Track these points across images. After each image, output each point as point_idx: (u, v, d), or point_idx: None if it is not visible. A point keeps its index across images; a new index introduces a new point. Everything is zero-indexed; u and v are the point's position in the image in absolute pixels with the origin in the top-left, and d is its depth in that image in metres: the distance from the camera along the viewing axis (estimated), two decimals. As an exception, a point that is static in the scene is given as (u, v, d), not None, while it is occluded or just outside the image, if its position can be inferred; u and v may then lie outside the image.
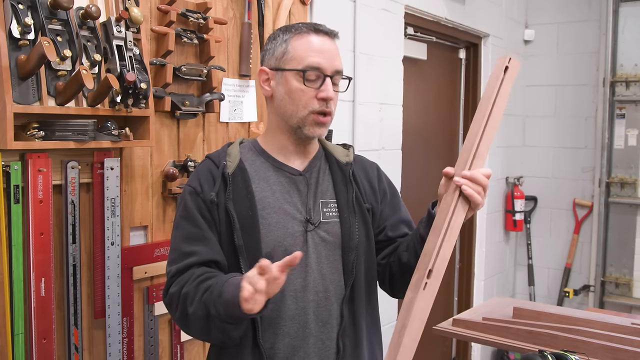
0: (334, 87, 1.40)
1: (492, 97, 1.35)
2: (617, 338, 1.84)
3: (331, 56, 1.39)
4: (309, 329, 1.38)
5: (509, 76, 1.36)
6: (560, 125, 4.36)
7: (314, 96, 1.37)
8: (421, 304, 1.21)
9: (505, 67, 1.36)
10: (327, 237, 1.41)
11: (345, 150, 1.54)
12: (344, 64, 1.45)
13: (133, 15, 1.63)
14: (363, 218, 1.45)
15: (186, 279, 1.31)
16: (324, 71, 1.37)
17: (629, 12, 4.08)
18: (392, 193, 1.56)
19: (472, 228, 4.03)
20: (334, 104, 1.40)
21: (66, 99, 1.50)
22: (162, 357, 1.89)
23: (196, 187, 1.40)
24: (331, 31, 1.43)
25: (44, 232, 1.53)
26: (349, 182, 1.46)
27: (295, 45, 1.38)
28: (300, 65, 1.37)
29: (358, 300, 1.42)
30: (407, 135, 3.14)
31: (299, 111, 1.38)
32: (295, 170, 1.44)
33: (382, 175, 1.58)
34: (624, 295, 4.13)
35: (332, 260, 1.41)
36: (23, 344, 1.51)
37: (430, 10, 3.26)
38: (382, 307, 3.03)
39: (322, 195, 1.44)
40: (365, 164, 1.57)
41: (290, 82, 1.38)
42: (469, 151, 1.32)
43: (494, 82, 1.36)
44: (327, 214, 1.42)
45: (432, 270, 1.23)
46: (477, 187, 1.28)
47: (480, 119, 1.35)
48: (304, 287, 1.38)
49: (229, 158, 1.42)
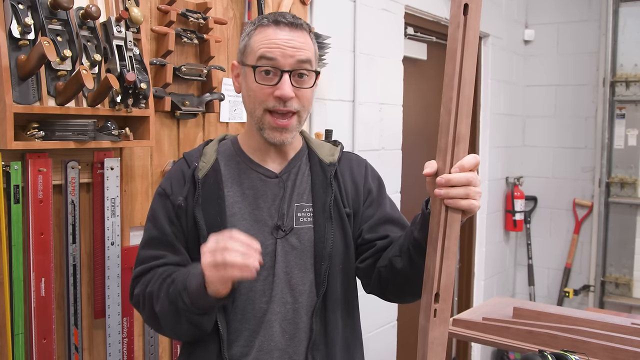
0: (297, 82, 1.26)
1: (457, 54, 1.06)
2: (617, 338, 1.84)
3: (291, 49, 1.25)
4: (275, 342, 1.29)
5: (472, 17, 1.06)
6: (560, 125, 4.36)
7: (271, 93, 1.25)
8: (436, 333, 1.11)
9: (464, 4, 1.05)
10: (297, 245, 1.30)
11: (332, 148, 1.42)
12: (344, 64, 1.41)
13: (133, 15, 1.63)
14: (341, 224, 1.34)
15: (149, 279, 1.27)
16: (280, 66, 1.24)
17: (629, 12, 4.08)
18: (378, 189, 1.43)
19: (472, 228, 4.03)
20: (298, 102, 1.27)
21: (66, 99, 1.50)
22: (162, 357, 1.89)
23: (166, 188, 1.33)
24: (294, 21, 1.28)
25: (44, 232, 1.53)
26: (329, 185, 1.34)
27: (255, 38, 1.28)
28: (254, 60, 1.26)
29: (332, 312, 1.32)
30: (407, 135, 3.14)
31: (256, 109, 1.28)
32: (271, 173, 1.34)
33: (369, 173, 1.44)
34: (624, 295, 4.13)
35: (303, 269, 1.31)
36: (23, 344, 1.51)
37: (430, 10, 3.26)
38: (382, 307, 3.01)
39: (297, 199, 1.33)
40: (352, 162, 1.43)
41: (249, 78, 1.28)
42: (446, 134, 1.08)
43: (454, 33, 1.06)
44: (301, 219, 1.32)
45: (438, 294, 1.11)
46: (460, 191, 1.07)
47: (449, 91, 1.07)
48: (270, 298, 1.29)
49: (203, 158, 1.34)
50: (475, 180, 1.08)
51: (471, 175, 1.07)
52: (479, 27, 1.07)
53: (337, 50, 2.50)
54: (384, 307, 3.01)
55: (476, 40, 1.07)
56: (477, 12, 1.07)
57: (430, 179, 1.11)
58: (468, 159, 1.08)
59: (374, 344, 2.89)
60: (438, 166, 1.10)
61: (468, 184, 1.07)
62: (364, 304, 1.48)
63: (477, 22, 1.07)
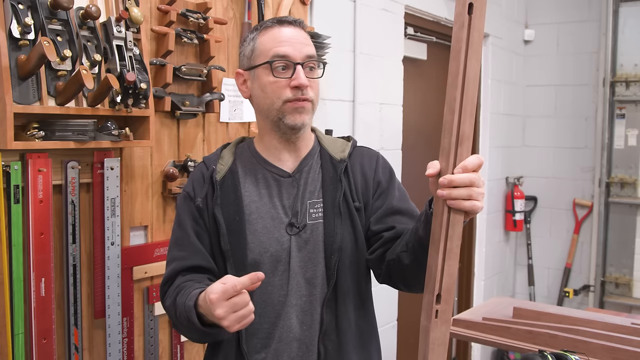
0: (308, 74, 1.36)
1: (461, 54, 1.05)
2: (617, 338, 1.84)
3: (299, 44, 1.35)
4: (293, 333, 1.36)
5: (477, 16, 1.05)
6: (560, 125, 4.36)
7: (287, 85, 1.33)
8: (437, 334, 1.12)
9: (468, 4, 1.05)
10: (310, 240, 1.37)
11: (344, 144, 1.48)
12: (343, 64, 1.44)
13: (133, 15, 1.63)
14: (350, 218, 1.39)
15: (171, 291, 1.34)
16: (293, 59, 1.33)
17: (629, 12, 4.08)
18: (388, 181, 1.46)
19: (472, 228, 4.03)
20: (312, 90, 1.36)
21: (66, 99, 1.50)
22: (162, 357, 1.89)
23: (189, 191, 1.41)
24: (295, 20, 1.40)
25: (44, 232, 1.53)
26: (338, 181, 1.40)
27: (262, 40, 1.37)
28: (267, 58, 1.34)
29: (342, 303, 1.37)
30: (407, 135, 3.14)
31: (274, 103, 1.35)
32: (285, 172, 1.41)
33: (380, 165, 1.47)
34: (624, 295, 4.13)
35: (316, 262, 1.37)
36: (23, 344, 1.51)
37: (430, 10, 3.26)
38: (381, 308, 3.01)
39: (310, 196, 1.40)
40: (364, 156, 1.48)
41: (262, 77, 1.36)
42: (449, 134, 1.07)
43: (459, 32, 1.05)
44: (314, 215, 1.39)
45: (440, 294, 1.11)
46: (463, 192, 1.07)
47: (453, 90, 1.06)
48: (287, 292, 1.36)
49: (221, 161, 1.42)
50: (478, 181, 1.07)
51: (474, 176, 1.07)
52: (484, 26, 1.07)
53: (337, 50, 2.50)
54: (384, 307, 3.01)
55: (480, 40, 1.07)
56: (482, 12, 1.05)
57: (434, 179, 1.11)
58: (471, 160, 1.08)
59: (374, 344, 2.89)
60: (441, 166, 1.09)
61: (471, 184, 1.07)
62: (364, 304, 1.49)
63: (481, 21, 1.06)
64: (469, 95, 1.06)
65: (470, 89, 1.06)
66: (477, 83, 1.07)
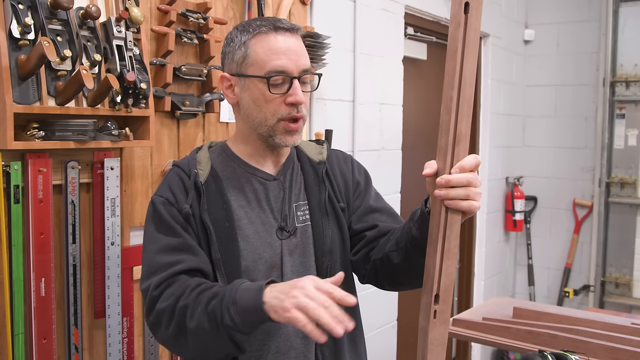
0: (303, 88, 1.28)
1: (457, 53, 1.05)
2: (617, 338, 1.84)
3: (296, 55, 1.26)
4: (290, 342, 1.30)
5: (473, 16, 1.05)
6: (560, 125, 4.36)
7: (282, 102, 1.26)
8: (435, 334, 1.11)
9: (464, 3, 1.04)
10: (299, 243, 1.32)
11: (318, 147, 1.45)
12: (343, 64, 1.42)
13: (133, 15, 1.63)
14: (337, 219, 1.36)
15: (179, 292, 1.16)
16: (290, 73, 1.25)
17: (629, 12, 4.08)
18: (365, 181, 1.46)
19: (472, 228, 4.03)
20: (305, 106, 1.28)
21: (66, 99, 1.50)
22: (162, 357, 1.89)
23: (169, 197, 1.27)
24: (292, 26, 1.29)
25: (44, 232, 1.53)
26: (322, 182, 1.37)
27: (256, 48, 1.26)
28: (263, 71, 1.25)
29: None
30: (407, 135, 3.14)
31: (268, 119, 1.27)
32: (269, 175, 1.35)
33: (355, 166, 1.47)
34: (624, 295, 4.13)
35: (307, 266, 1.32)
36: (23, 344, 1.51)
37: (430, 10, 3.26)
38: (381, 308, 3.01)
39: (295, 198, 1.35)
40: (339, 159, 1.46)
41: (255, 89, 1.27)
42: (446, 134, 1.07)
43: (455, 32, 1.05)
44: (301, 218, 1.34)
45: (438, 295, 1.10)
46: (460, 192, 1.06)
47: (449, 90, 1.06)
48: None
49: (199, 166, 1.32)
50: (475, 180, 1.07)
51: (471, 176, 1.07)
52: (480, 26, 1.07)
53: (337, 50, 2.50)
54: (384, 307, 3.01)
55: (477, 40, 1.06)
56: (478, 11, 1.05)
57: (431, 179, 1.11)
58: (468, 160, 1.07)
59: (374, 344, 2.89)
60: (438, 166, 1.09)
61: (468, 184, 1.06)
62: (364, 304, 1.48)
63: (477, 21, 1.06)
64: (466, 94, 1.06)
65: (466, 89, 1.06)
66: (473, 83, 1.08)
